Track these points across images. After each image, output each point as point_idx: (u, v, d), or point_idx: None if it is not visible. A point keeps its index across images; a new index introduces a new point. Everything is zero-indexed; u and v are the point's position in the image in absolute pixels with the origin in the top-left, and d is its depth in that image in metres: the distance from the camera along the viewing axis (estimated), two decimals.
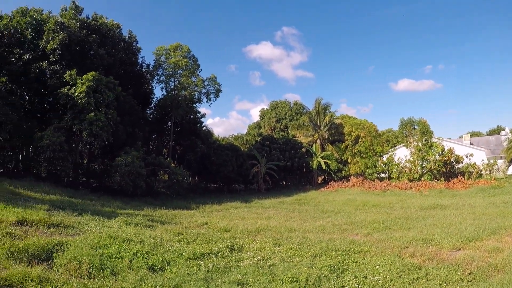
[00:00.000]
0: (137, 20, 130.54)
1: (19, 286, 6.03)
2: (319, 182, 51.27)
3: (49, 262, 7.64)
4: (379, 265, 9.34)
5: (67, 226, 11.48)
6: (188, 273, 8.18)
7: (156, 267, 8.33)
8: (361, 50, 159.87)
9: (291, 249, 11.31)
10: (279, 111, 68.82)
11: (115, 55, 34.78)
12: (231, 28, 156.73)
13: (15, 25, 31.19)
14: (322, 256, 10.48)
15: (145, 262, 8.46)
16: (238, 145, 52.83)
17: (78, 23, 32.93)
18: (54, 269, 7.23)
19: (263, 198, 33.55)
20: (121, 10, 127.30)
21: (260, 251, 11.03)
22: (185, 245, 11.03)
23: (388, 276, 8.45)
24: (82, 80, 28.09)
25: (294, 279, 8.07)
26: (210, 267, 8.89)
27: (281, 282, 7.94)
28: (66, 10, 34.47)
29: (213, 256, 10.03)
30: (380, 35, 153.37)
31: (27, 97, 33.23)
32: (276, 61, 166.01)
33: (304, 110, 60.55)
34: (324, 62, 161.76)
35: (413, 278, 8.39)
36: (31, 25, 32.00)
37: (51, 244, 8.57)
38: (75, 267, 7.27)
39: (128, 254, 8.82)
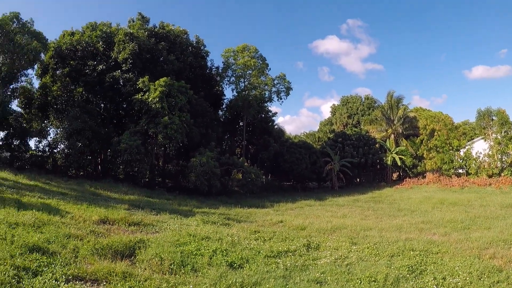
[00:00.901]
0: (202, 25, 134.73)
1: (104, 281, 6.19)
2: (394, 179, 48.75)
3: (132, 259, 7.84)
4: (458, 267, 8.78)
5: (146, 225, 11.91)
6: (267, 271, 8.12)
7: (235, 264, 8.34)
8: (431, 37, 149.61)
9: (368, 248, 10.94)
10: (350, 106, 67.15)
11: (184, 60, 35.97)
12: (296, 25, 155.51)
13: (87, 39, 33.64)
14: (399, 255, 10.04)
15: (224, 259, 8.49)
16: (311, 142, 52.01)
17: (146, 33, 34.67)
18: (137, 265, 7.41)
19: (337, 196, 32.86)
20: (186, 16, 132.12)
21: (337, 249, 10.79)
22: (262, 243, 11.02)
23: (468, 279, 7.91)
24: (155, 86, 29.38)
25: (372, 279, 7.81)
26: (288, 265, 8.78)
27: (359, 281, 7.70)
28: (133, 21, 36.49)
29: (290, 254, 9.92)
30: (450, 19, 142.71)
31: (102, 105, 35.63)
32: (343, 55, 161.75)
33: (376, 104, 58.47)
34: (393, 53, 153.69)
35: (494, 281, 7.81)
36: (102, 38, 34.28)
37: (133, 242, 8.85)
38: (157, 263, 7.41)
39: (207, 251, 8.92)
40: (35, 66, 33.42)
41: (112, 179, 28.36)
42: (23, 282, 5.44)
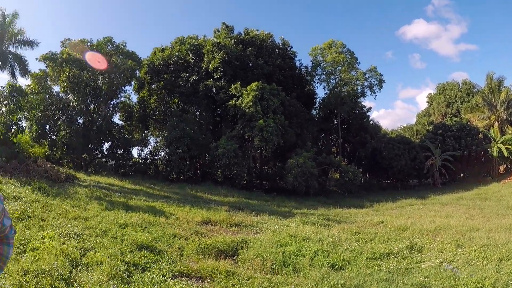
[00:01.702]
0: (284, 26, 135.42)
1: (208, 278, 6.29)
2: (501, 172, 43.24)
3: (234, 258, 7.91)
4: None
5: (247, 226, 12.05)
6: (369, 273, 7.68)
7: (336, 266, 8.02)
8: None
9: (475, 251, 9.79)
10: (447, 94, 61.92)
11: (273, 63, 36.53)
12: (379, 14, 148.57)
13: (177, 53, 36.16)
14: (509, 260, 8.80)
15: (326, 260, 8.23)
16: (409, 136, 49.01)
17: (232, 41, 36.13)
18: (239, 264, 7.44)
19: (439, 193, 30.38)
20: (267, 20, 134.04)
21: (441, 252, 9.85)
22: (363, 245, 10.52)
23: None
24: (247, 91, 30.35)
25: (480, 285, 6.93)
26: (391, 267, 8.19)
27: (465, 287, 6.88)
28: (218, 31, 38.16)
29: (392, 256, 9.28)
30: None
31: (198, 113, 37.55)
32: (433, 38, 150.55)
33: (475, 90, 52.48)
34: (486, 30, 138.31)
35: None
36: (191, 50, 36.60)
37: (235, 242, 8.96)
38: (259, 263, 7.39)
39: (309, 252, 8.73)
40: (132, 83, 37.03)
41: (212, 182, 29.65)
42: (133, 277, 5.73)
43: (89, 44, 35.65)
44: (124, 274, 5.78)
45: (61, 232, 7.92)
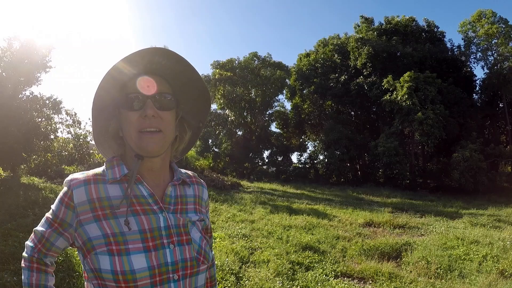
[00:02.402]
0: (424, 4, 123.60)
1: (370, 280, 6.37)
2: None
3: (398, 261, 7.81)
4: None
5: (411, 227, 11.67)
6: None
7: (506, 273, 7.22)
8: None
9: None
10: None
11: (421, 49, 33.98)
12: None
13: (322, 55, 36.72)
14: None
15: (494, 266, 7.45)
16: None
17: (375, 32, 34.83)
18: (402, 267, 7.33)
19: None
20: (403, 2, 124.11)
21: None
22: None
23: None
24: (400, 83, 28.89)
25: None
26: None
27: None
28: (359, 26, 37.14)
29: None
30: None
31: (353, 113, 37.32)
32: None
33: None
34: None
35: None
36: (335, 50, 36.58)
37: (399, 244, 8.82)
38: (422, 266, 7.18)
39: (477, 256, 8.02)
40: (284, 91, 38.76)
41: (373, 183, 29.07)
42: (297, 275, 6.17)
43: (236, 62, 38.90)
44: (289, 272, 6.25)
45: (231, 233, 8.98)
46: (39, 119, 17.51)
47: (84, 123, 21.93)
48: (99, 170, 1.30)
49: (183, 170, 1.44)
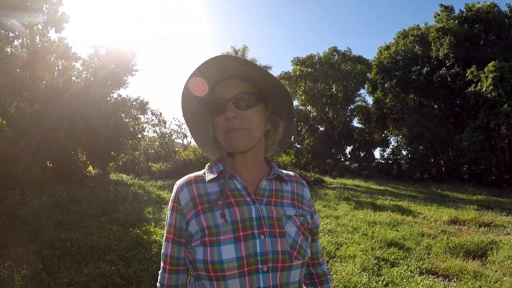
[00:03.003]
0: None
1: (455, 278, 6.47)
2: None
3: (483, 259, 7.77)
4: None
5: (497, 226, 11.29)
6: None
7: None
8: None
9: None
10: None
11: (506, 36, 31.67)
12: None
13: (402, 47, 35.25)
14: None
15: None
16: None
17: (456, 21, 32.81)
18: (488, 266, 7.28)
19: None
20: None
21: None
22: None
23: None
24: (484, 73, 27.20)
25: None
26: None
27: None
28: (439, 15, 35.12)
29: None
30: None
31: (436, 106, 35.61)
32: None
33: None
34: None
35: None
36: (416, 41, 35.06)
37: (484, 242, 8.69)
38: (508, 266, 7.09)
39: None
40: (365, 85, 37.98)
41: (457, 179, 27.83)
42: (382, 270, 6.45)
43: (316, 58, 38.87)
44: (375, 267, 6.54)
45: None
46: (127, 120, 18.59)
47: (169, 122, 22.83)
48: (200, 172, 1.40)
49: (284, 171, 1.46)
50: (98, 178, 16.81)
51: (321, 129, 40.47)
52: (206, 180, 1.34)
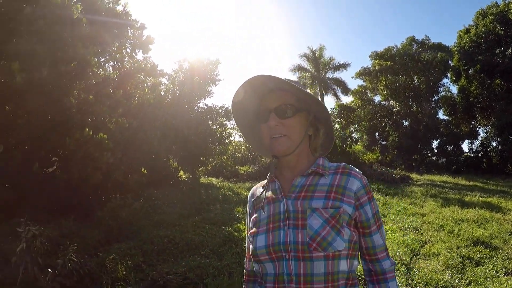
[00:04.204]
0: None
1: None
2: None
3: None
4: None
5: None
6: None
7: None
8: None
9: None
10: None
11: None
12: None
13: (482, 29, 32.07)
14: None
15: None
16: None
17: None
18: None
19: None
20: None
21: None
22: None
23: None
24: None
25: None
26: None
27: None
28: None
29: None
30: None
31: None
32: None
33: None
34: None
35: None
36: (496, 21, 31.59)
37: None
38: None
39: None
40: (448, 74, 35.41)
41: None
42: (467, 269, 6.25)
43: (395, 50, 37.14)
44: (459, 266, 6.36)
45: (401, 226, 9.21)
46: (214, 127, 19.57)
47: None
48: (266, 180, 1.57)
49: (334, 164, 1.50)
50: (189, 182, 17.88)
51: (406, 123, 38.43)
52: (262, 185, 1.56)
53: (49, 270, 4.16)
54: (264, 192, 1.48)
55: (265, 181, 1.55)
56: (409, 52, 36.08)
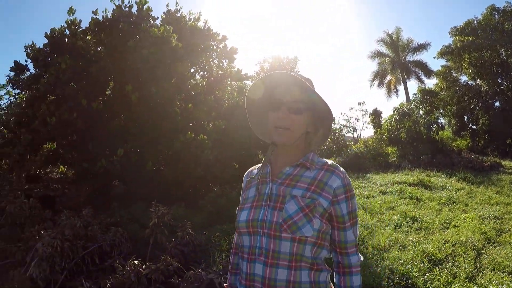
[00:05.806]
0: None
1: None
2: None
3: None
4: None
5: None
6: None
7: None
8: None
9: None
10: None
11: None
12: None
13: None
14: None
15: None
16: None
17: None
18: None
19: None
20: None
21: None
22: None
23: None
24: None
25: None
26: None
27: None
28: None
29: None
30: None
31: None
32: None
33: None
34: None
35: None
36: None
37: None
38: None
39: None
40: None
41: None
42: None
43: (475, 22, 32.38)
44: None
45: (482, 215, 8.73)
46: None
47: (338, 118, 22.60)
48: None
49: (323, 160, 1.57)
50: None
51: (496, 104, 34.34)
52: (257, 168, 1.67)
53: (173, 239, 5.39)
54: (257, 174, 1.60)
55: (260, 165, 1.66)
56: (491, 23, 32.01)
